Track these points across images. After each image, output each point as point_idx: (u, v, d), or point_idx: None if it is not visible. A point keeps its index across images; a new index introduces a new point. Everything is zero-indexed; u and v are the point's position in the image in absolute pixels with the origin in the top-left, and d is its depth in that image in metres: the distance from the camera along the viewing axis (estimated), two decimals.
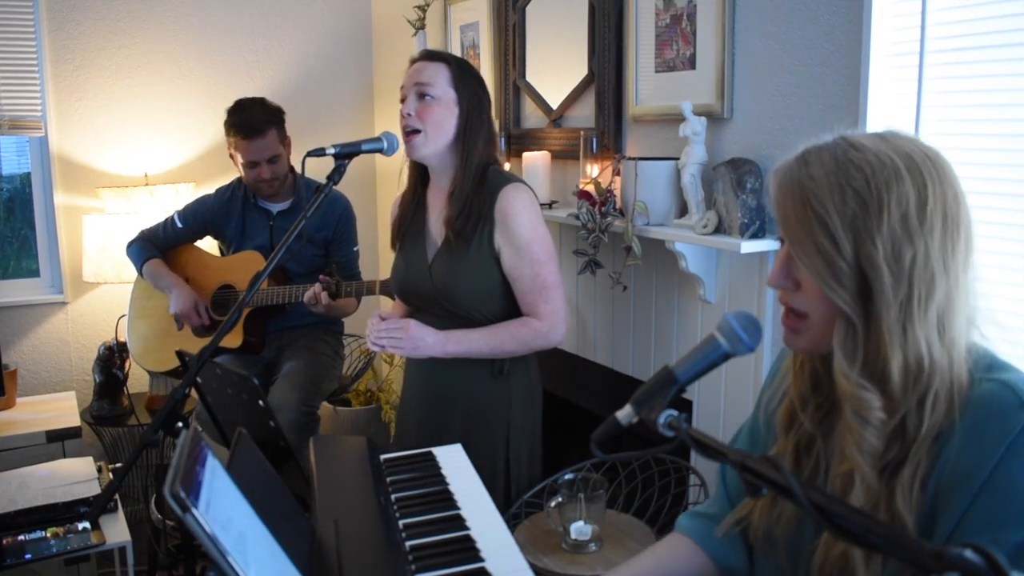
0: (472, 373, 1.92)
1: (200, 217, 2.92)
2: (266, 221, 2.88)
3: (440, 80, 1.86)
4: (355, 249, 2.93)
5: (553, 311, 1.86)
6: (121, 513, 2.23)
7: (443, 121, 1.86)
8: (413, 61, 1.93)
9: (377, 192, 4.02)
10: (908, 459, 0.92)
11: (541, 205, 2.44)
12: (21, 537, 2.03)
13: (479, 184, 1.87)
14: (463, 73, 1.89)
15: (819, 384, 1.06)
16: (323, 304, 2.47)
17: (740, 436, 1.24)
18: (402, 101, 1.89)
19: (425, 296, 1.93)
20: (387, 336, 1.84)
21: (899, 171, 0.91)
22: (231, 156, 2.81)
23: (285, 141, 2.84)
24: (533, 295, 1.86)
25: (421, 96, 1.86)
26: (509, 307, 1.91)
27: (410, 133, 1.87)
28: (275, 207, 2.89)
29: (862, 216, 0.91)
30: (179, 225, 2.92)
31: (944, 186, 0.92)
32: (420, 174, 2.00)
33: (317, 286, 2.46)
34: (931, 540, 0.90)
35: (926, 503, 0.92)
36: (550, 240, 1.90)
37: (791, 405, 1.08)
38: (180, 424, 1.49)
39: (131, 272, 3.08)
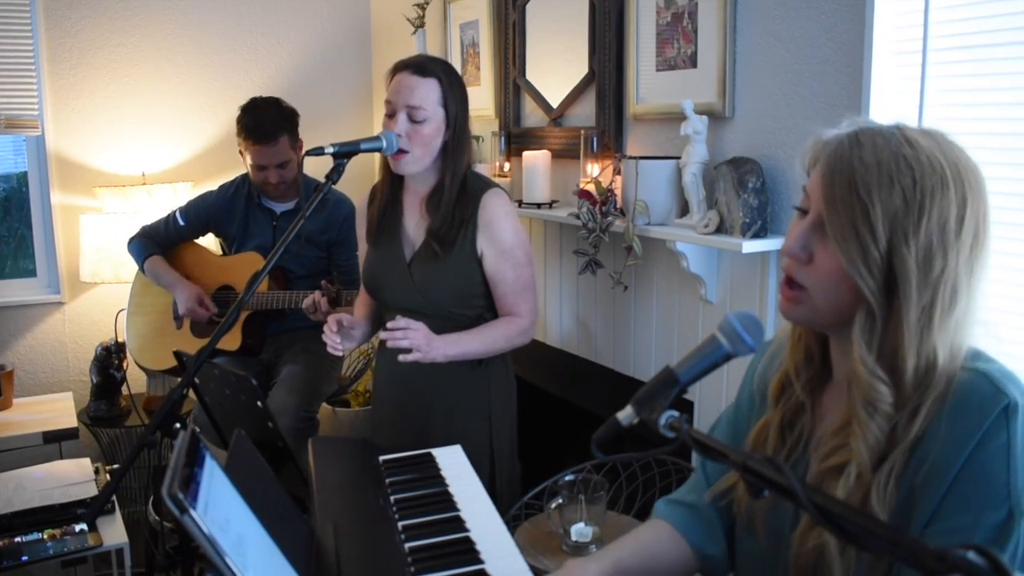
0: (451, 366, 1.90)
1: (202, 214, 2.90)
2: (269, 221, 2.86)
3: (431, 100, 1.84)
4: (357, 254, 2.91)
5: (532, 309, 1.95)
6: (118, 514, 2.22)
7: (431, 141, 1.86)
8: (398, 69, 1.88)
9: None
10: (887, 459, 0.93)
11: (541, 205, 2.50)
12: (18, 539, 2.02)
13: (460, 189, 1.90)
14: (452, 87, 1.87)
15: (812, 357, 1.08)
16: (323, 311, 2.43)
17: (720, 423, 1.25)
18: (389, 115, 1.86)
19: (403, 295, 1.94)
20: (403, 334, 1.76)
21: (946, 179, 0.92)
22: (240, 153, 2.79)
23: (297, 145, 2.79)
24: (515, 295, 1.93)
25: (412, 119, 1.83)
26: (485, 307, 1.96)
27: (398, 152, 1.85)
28: (279, 207, 2.87)
29: (903, 215, 0.91)
30: (181, 222, 2.90)
31: (979, 203, 0.94)
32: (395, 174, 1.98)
33: (317, 293, 2.42)
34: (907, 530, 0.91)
35: (900, 498, 0.93)
36: (529, 243, 1.98)
37: (785, 375, 1.10)
38: (178, 425, 1.48)
39: (129, 272, 3.07)
